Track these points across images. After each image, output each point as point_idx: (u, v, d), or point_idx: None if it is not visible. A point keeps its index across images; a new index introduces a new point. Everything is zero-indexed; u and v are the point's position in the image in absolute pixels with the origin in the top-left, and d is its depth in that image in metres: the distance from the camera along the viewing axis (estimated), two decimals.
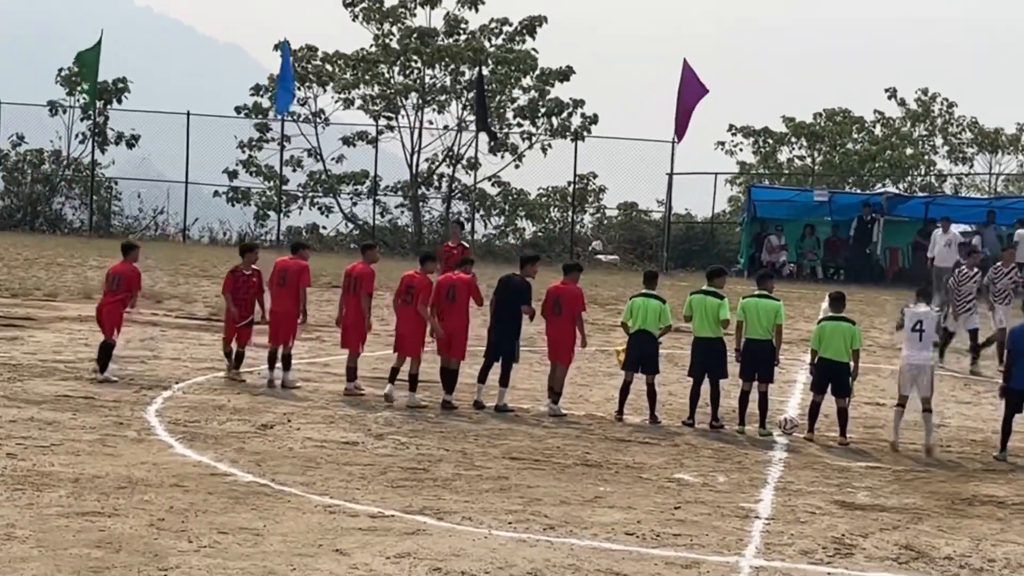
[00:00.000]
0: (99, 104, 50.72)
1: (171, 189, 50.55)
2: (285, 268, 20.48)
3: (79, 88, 51.13)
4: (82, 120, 51.49)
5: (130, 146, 51.71)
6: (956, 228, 45.80)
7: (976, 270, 25.55)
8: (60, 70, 52.53)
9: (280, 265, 20.58)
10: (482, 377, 19.43)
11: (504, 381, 19.31)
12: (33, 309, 27.21)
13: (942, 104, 59.21)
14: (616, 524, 13.19)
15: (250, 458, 15.28)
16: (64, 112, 51.89)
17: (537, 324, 20.18)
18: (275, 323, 20.34)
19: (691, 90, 44.70)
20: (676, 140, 45.18)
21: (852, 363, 18.42)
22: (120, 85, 51.66)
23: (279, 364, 20.18)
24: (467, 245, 21.52)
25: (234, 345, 20.59)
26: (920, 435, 18.24)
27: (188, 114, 49.54)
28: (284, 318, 20.23)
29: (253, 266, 20.82)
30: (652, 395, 19.01)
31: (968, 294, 25.14)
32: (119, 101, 51.79)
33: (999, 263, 26.88)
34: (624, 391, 19.15)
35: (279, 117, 49.78)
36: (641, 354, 19.04)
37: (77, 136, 51.72)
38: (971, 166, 58.74)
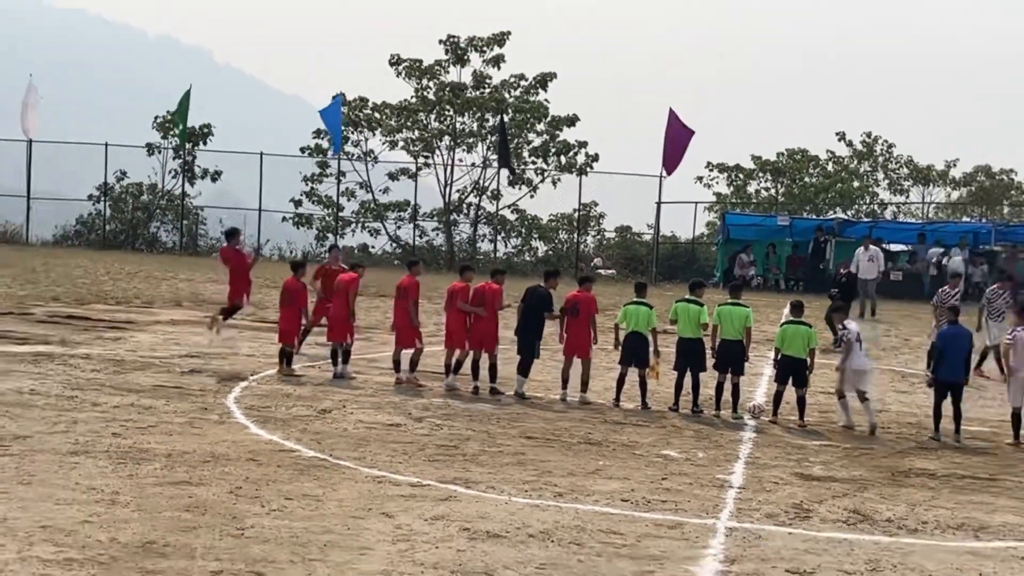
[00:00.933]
0: (188, 145, 50.88)
1: (247, 215, 50.59)
2: (341, 280, 20.62)
3: (172, 132, 51.35)
4: (174, 159, 51.67)
5: (214, 180, 51.86)
6: (896, 247, 45.89)
7: (957, 291, 25.04)
8: (156, 117, 52.73)
9: (339, 279, 20.71)
10: (521, 370, 19.49)
11: (523, 372, 19.37)
12: (134, 314, 27.25)
13: (883, 145, 59.10)
14: (614, 492, 13.17)
15: (312, 437, 15.29)
16: (159, 152, 52.10)
17: (549, 327, 20.14)
18: (332, 324, 20.46)
19: (678, 132, 44.63)
20: (665, 175, 45.12)
21: (809, 359, 18.46)
22: (205, 130, 51.84)
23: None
24: (346, 268, 21.60)
25: (291, 345, 20.54)
26: (864, 419, 18.21)
27: (261, 154, 49.66)
28: (339, 320, 20.31)
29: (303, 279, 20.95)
30: (643, 385, 18.98)
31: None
32: (204, 143, 51.97)
33: (996, 285, 26.41)
34: (620, 382, 19.13)
35: (335, 156, 49.88)
36: (634, 351, 19.05)
37: (170, 172, 51.93)
38: (907, 196, 58.58)
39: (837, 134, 59.33)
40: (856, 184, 57.07)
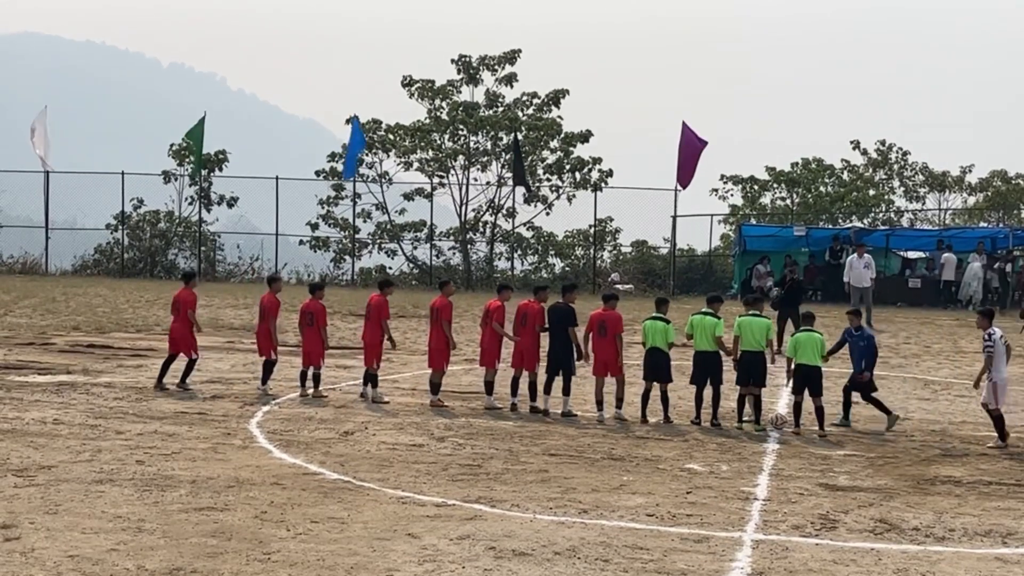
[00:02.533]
0: (204, 172, 51.06)
1: (264, 240, 50.74)
2: (370, 304, 20.63)
3: (187, 159, 51.56)
4: (190, 185, 51.80)
5: (230, 206, 52.01)
6: (912, 253, 45.79)
7: None
8: (171, 145, 52.96)
9: (370, 302, 20.73)
10: (547, 389, 19.46)
11: (566, 391, 19.31)
12: (154, 342, 27.31)
13: (898, 152, 59.03)
14: (639, 507, 13.14)
15: (335, 460, 15.30)
16: (176, 179, 52.28)
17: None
18: (367, 350, 20.46)
19: (691, 145, 44.64)
20: (680, 188, 45.11)
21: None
22: (220, 156, 51.98)
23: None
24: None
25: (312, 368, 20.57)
26: (880, 425, 18.21)
27: (277, 178, 49.77)
28: (371, 345, 20.32)
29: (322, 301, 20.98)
30: (666, 400, 18.95)
31: None
32: (220, 169, 52.08)
33: None
34: (645, 398, 19.10)
35: (350, 179, 50.02)
36: (654, 367, 19.01)
37: (187, 199, 52.05)
38: (923, 203, 58.47)
39: (851, 143, 59.28)
40: (872, 192, 56.98)
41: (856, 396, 19.05)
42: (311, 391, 20.32)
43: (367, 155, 51.02)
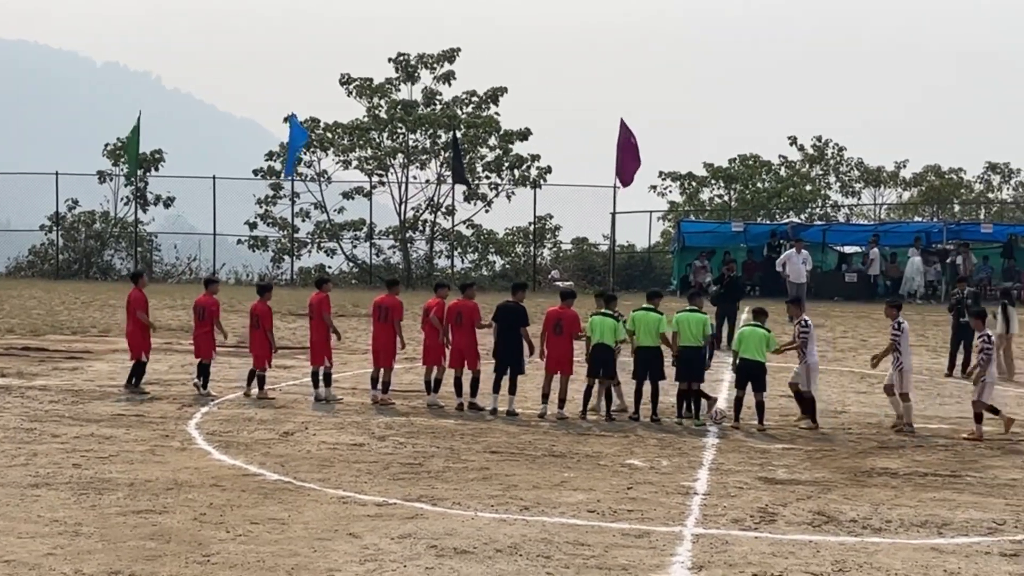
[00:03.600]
0: (140, 172, 50.65)
1: (201, 240, 50.47)
2: (311, 302, 20.56)
3: (123, 159, 51.14)
4: (126, 186, 51.46)
5: (166, 206, 51.71)
6: (849, 248, 46.28)
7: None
8: (106, 145, 52.54)
9: (309, 301, 20.67)
10: (495, 387, 19.41)
11: (513, 390, 19.29)
12: (90, 343, 27.07)
13: (834, 148, 59.63)
14: (580, 503, 13.18)
15: (275, 460, 15.22)
16: (111, 179, 51.89)
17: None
18: (311, 348, 20.37)
19: (630, 143, 44.80)
20: (620, 186, 45.27)
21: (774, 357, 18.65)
22: (157, 156, 51.64)
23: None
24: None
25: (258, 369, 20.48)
26: (829, 421, 18.37)
27: (214, 178, 49.48)
28: (318, 344, 20.24)
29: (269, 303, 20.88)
30: (609, 397, 19.00)
31: None
32: (156, 169, 51.77)
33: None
34: (587, 394, 19.14)
35: (289, 178, 49.80)
36: (601, 362, 19.03)
37: (122, 199, 51.73)
38: (859, 198, 59.13)
39: (789, 139, 59.85)
40: (808, 188, 57.52)
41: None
42: (255, 392, 20.20)
43: (305, 154, 50.82)
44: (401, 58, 51.78)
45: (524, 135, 50.96)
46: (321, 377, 20.15)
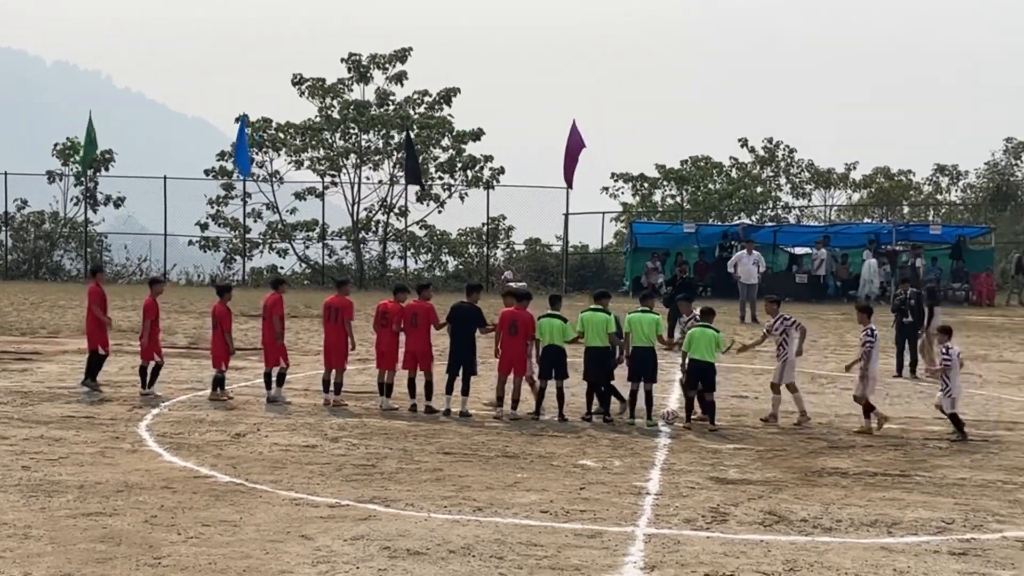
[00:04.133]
0: (90, 172, 50.25)
1: (152, 240, 50.15)
2: (265, 304, 20.44)
3: (73, 159, 50.74)
4: (76, 186, 51.07)
5: (117, 206, 51.36)
6: (800, 249, 46.61)
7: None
8: (56, 144, 52.11)
9: (263, 301, 20.55)
10: (448, 389, 19.35)
11: (466, 391, 19.24)
12: (40, 345, 26.83)
13: (784, 150, 59.98)
14: (533, 504, 13.19)
15: (227, 462, 15.14)
16: (60, 179, 51.47)
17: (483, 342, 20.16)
18: (265, 349, 20.26)
19: (576, 145, 44.90)
20: (569, 187, 45.35)
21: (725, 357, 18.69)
22: (108, 156, 51.28)
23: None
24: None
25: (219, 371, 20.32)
26: (780, 421, 18.53)
27: (165, 178, 49.18)
28: (270, 344, 20.14)
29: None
30: (561, 397, 19.02)
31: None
32: (107, 169, 51.40)
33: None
34: (540, 394, 19.15)
35: (242, 178, 49.56)
36: (554, 363, 19.04)
37: (72, 199, 51.38)
38: (809, 200, 59.51)
39: (739, 140, 60.17)
40: (759, 189, 57.84)
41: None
42: (217, 393, 20.06)
43: (257, 154, 50.60)
44: (353, 58, 51.67)
45: (477, 136, 50.99)
46: (274, 378, 20.06)
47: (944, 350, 18.04)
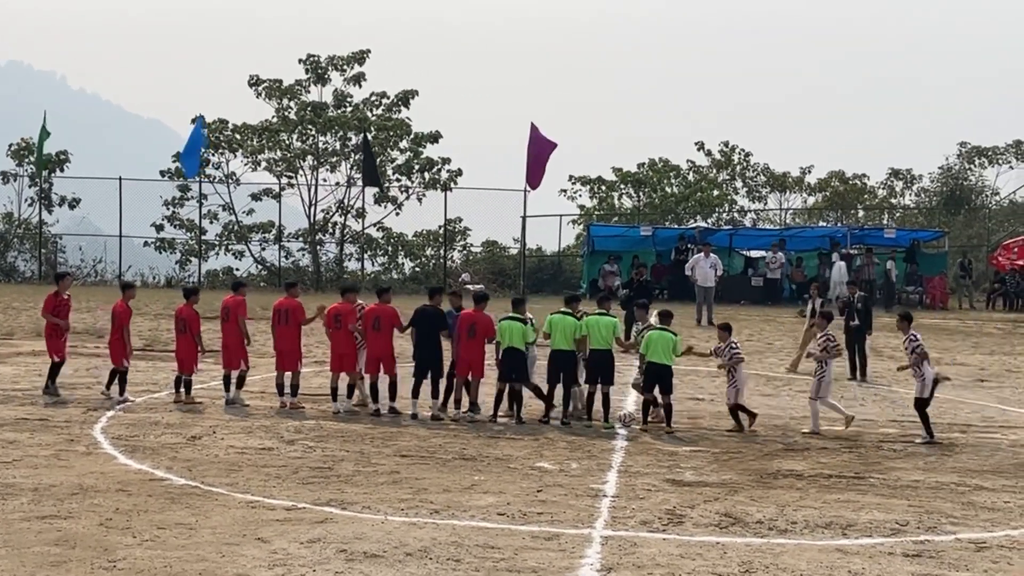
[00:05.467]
0: (44, 173, 49.86)
1: (107, 242, 49.76)
2: (227, 305, 20.27)
3: (27, 160, 50.34)
4: (30, 187, 50.67)
5: (72, 207, 50.98)
6: (755, 252, 46.83)
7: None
8: (10, 145, 51.68)
9: (224, 303, 20.39)
10: (415, 393, 19.26)
11: (435, 394, 19.19)
12: None
13: (740, 154, 60.28)
14: (490, 506, 13.19)
15: (182, 465, 15.05)
16: (15, 180, 51.06)
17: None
18: (226, 352, 20.12)
19: (541, 146, 44.83)
20: (530, 189, 45.33)
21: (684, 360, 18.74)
22: (62, 156, 50.93)
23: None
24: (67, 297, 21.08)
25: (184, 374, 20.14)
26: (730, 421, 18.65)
27: (120, 179, 48.81)
28: (233, 347, 19.99)
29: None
30: (519, 400, 19.03)
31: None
32: (61, 170, 51.02)
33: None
34: (498, 398, 19.15)
35: (196, 179, 49.28)
36: (512, 366, 19.04)
37: (26, 200, 50.95)
38: (765, 203, 59.85)
39: (696, 144, 60.37)
40: (716, 193, 58.09)
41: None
42: (184, 397, 19.90)
43: (213, 155, 50.35)
44: (311, 59, 51.51)
45: (435, 138, 50.98)
46: (233, 380, 19.94)
47: (912, 337, 18.35)
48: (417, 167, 50.52)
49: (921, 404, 18.22)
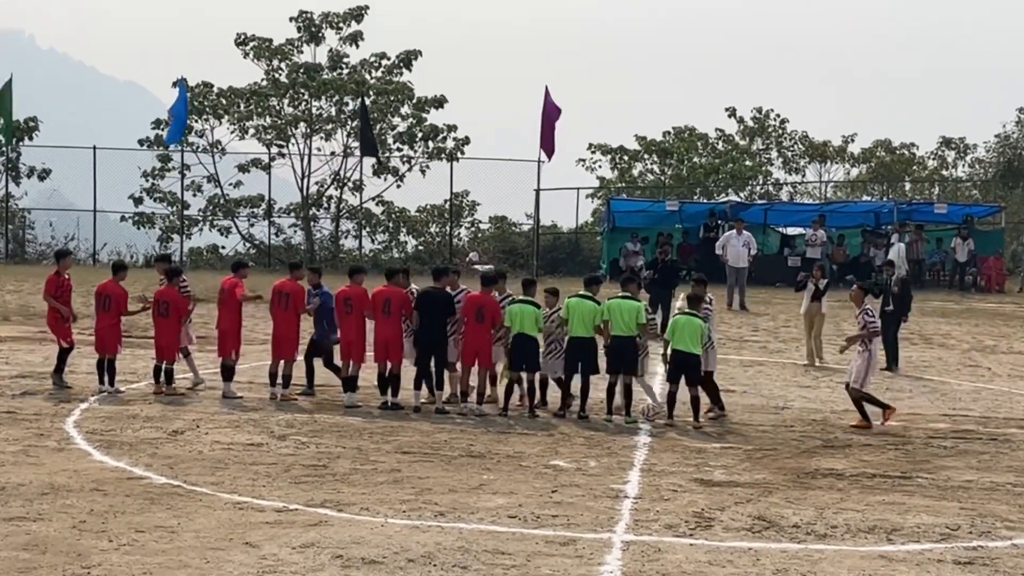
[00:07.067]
0: (12, 141, 49.91)
1: (80, 217, 49.82)
2: (223, 287, 20.25)
3: None
4: None
5: (41, 179, 51.04)
6: (792, 229, 46.78)
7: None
8: None
9: (222, 284, 20.38)
10: (417, 384, 19.30)
11: (440, 385, 19.20)
12: None
13: (775, 120, 60.13)
14: (500, 508, 13.22)
15: (163, 462, 15.11)
16: None
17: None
18: (222, 338, 20.14)
19: (553, 112, 44.85)
20: (545, 160, 45.29)
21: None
22: (31, 124, 50.95)
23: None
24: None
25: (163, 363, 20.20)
26: (770, 417, 18.63)
27: (94, 148, 48.85)
28: (227, 333, 20.02)
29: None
30: (532, 392, 19.04)
31: None
32: (30, 138, 51.04)
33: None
34: (508, 389, 19.16)
35: (178, 148, 49.30)
36: (523, 354, 19.04)
37: None
38: (803, 175, 59.73)
39: (727, 110, 60.22)
40: (748, 163, 57.97)
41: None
42: (165, 387, 19.92)
43: (196, 121, 50.33)
44: (304, 16, 51.44)
45: (440, 103, 50.90)
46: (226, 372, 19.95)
47: (867, 311, 18.78)
48: (420, 135, 50.46)
49: (855, 391, 18.68)
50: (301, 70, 51.07)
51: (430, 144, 50.46)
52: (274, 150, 50.76)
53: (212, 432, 17.06)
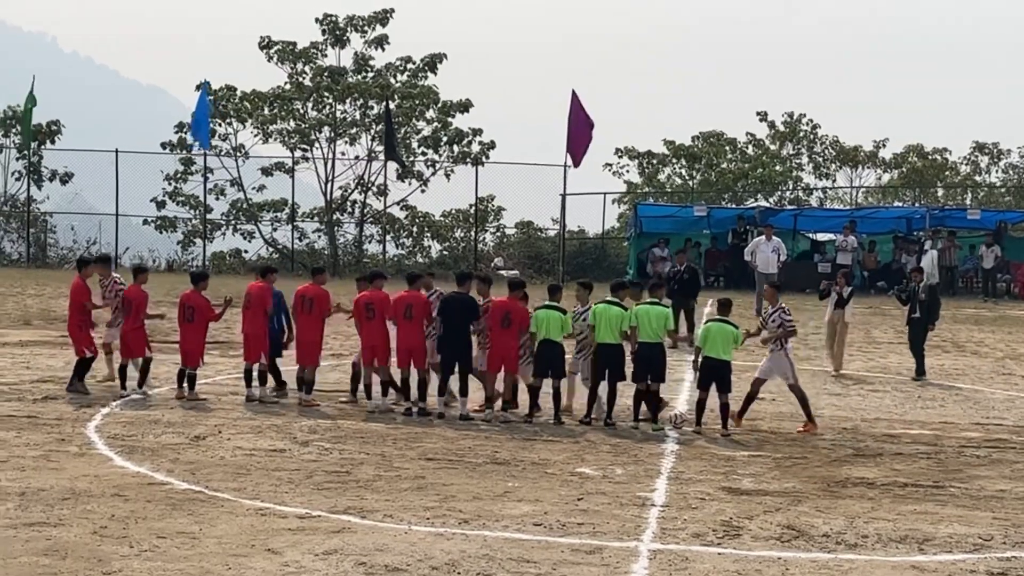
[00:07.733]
0: (34, 144, 50.15)
1: (103, 221, 50.03)
2: (250, 293, 20.28)
3: (14, 130, 50.59)
4: (18, 159, 50.92)
5: (63, 183, 51.25)
6: (822, 235, 46.64)
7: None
8: None
9: (248, 290, 20.41)
10: (441, 390, 19.32)
11: (464, 391, 19.18)
12: None
13: (807, 125, 60.02)
14: (525, 516, 13.20)
15: (185, 467, 15.14)
16: (1, 152, 51.35)
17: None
18: (248, 343, 20.19)
19: (582, 120, 44.75)
20: (573, 166, 45.23)
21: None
22: (54, 127, 51.17)
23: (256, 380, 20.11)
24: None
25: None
26: (796, 423, 18.59)
27: (116, 151, 49.11)
28: (255, 339, 20.07)
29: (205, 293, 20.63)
30: (557, 398, 19.03)
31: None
32: (52, 141, 51.26)
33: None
34: (534, 396, 19.14)
35: (203, 151, 49.44)
36: (549, 360, 19.03)
37: (14, 174, 51.23)
38: (834, 180, 59.64)
39: (758, 114, 60.15)
40: (778, 168, 57.87)
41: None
42: (187, 393, 19.97)
43: (220, 125, 50.48)
44: (328, 19, 51.57)
45: (465, 107, 50.94)
46: (255, 375, 19.99)
47: (783, 309, 19.03)
48: (445, 139, 50.53)
49: (796, 388, 18.86)
50: (325, 73, 51.21)
51: (455, 148, 50.54)
52: (298, 154, 50.93)
53: (234, 438, 17.09)
